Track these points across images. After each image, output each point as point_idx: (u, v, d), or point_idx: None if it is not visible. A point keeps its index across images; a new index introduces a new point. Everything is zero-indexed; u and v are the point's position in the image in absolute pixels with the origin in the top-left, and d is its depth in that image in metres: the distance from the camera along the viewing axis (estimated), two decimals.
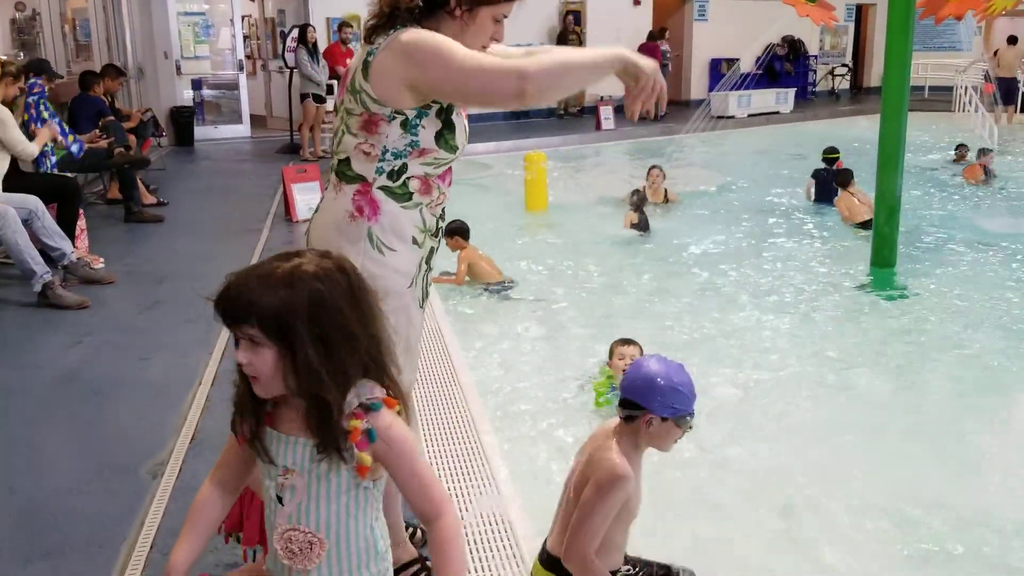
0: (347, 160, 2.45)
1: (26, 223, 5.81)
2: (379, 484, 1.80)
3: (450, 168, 2.53)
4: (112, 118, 9.06)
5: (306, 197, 8.32)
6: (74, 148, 7.38)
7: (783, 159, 13.57)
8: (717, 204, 10.79)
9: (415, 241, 2.46)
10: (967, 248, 8.59)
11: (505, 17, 2.46)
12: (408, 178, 2.43)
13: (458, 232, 6.90)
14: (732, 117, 18.49)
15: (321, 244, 2.41)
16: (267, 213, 8.87)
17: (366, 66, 2.36)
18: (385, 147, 2.40)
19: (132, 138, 9.42)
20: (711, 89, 19.70)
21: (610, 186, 10.00)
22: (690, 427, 2.62)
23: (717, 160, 14.42)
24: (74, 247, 6.39)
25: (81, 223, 7.14)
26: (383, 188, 2.42)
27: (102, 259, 6.81)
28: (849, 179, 9.68)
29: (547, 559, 2.65)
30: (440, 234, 2.60)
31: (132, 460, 3.67)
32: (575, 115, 18.38)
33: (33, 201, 6.03)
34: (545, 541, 2.70)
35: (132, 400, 4.36)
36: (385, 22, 2.37)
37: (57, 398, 4.46)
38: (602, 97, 18.49)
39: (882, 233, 7.46)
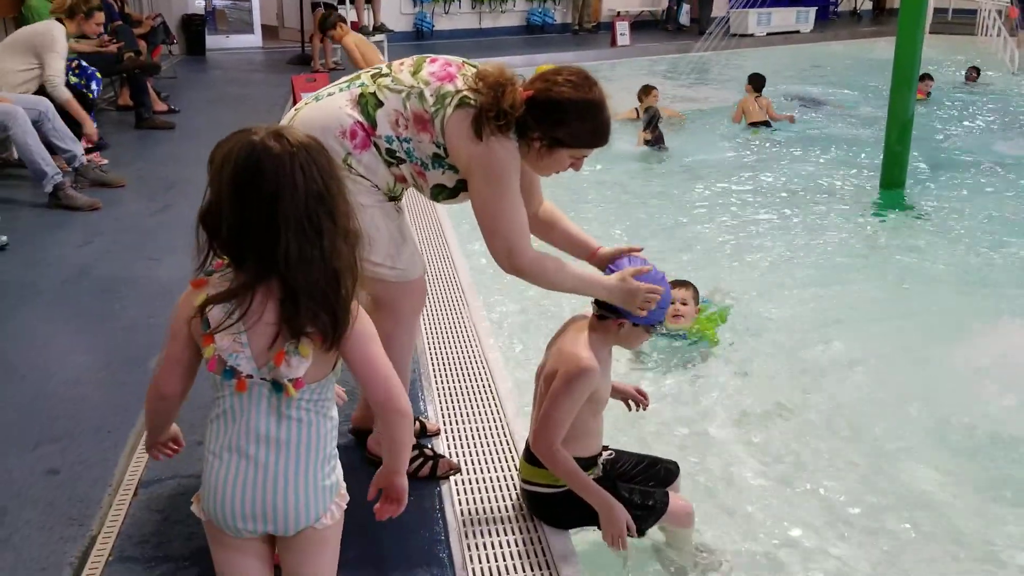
0: (378, 101, 2.54)
1: (36, 124, 5.83)
2: None
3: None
4: (121, 22, 9.00)
5: None
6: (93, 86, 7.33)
7: (800, 80, 13.41)
8: (729, 121, 10.69)
9: (380, 188, 2.61)
10: (978, 170, 8.53)
11: (586, 156, 2.60)
12: (394, 166, 2.58)
13: (340, 19, 6.68)
14: (751, 35, 18.20)
15: (304, 129, 2.48)
16: (278, 121, 8.84)
17: (453, 115, 2.47)
18: (409, 139, 2.54)
19: (142, 44, 9.38)
20: (730, 6, 19.35)
21: (625, 103, 9.93)
22: (657, 332, 2.73)
23: (734, 78, 14.23)
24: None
25: None
26: (376, 145, 2.54)
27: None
28: (762, 84, 10.54)
29: (529, 453, 2.74)
30: (398, 200, 2.73)
31: (141, 354, 3.76)
32: (590, 31, 18.09)
33: (43, 102, 6.06)
34: (528, 437, 2.79)
35: (141, 298, 4.43)
36: (491, 111, 2.44)
37: (67, 295, 4.54)
38: (619, 12, 18.23)
39: (893, 152, 7.40)
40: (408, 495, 1.94)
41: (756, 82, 10.56)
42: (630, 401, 3.00)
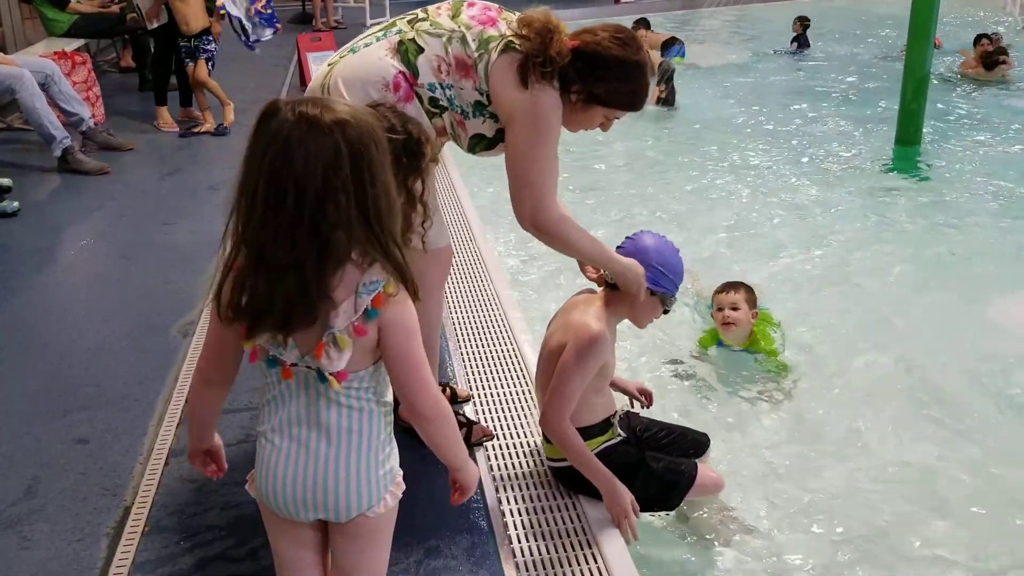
0: (418, 47, 2.46)
1: (43, 87, 5.74)
2: None
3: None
4: None
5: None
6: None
7: (809, 35, 13.22)
8: (740, 79, 10.57)
9: None
10: (992, 127, 8.43)
11: (617, 119, 2.57)
12: (436, 116, 2.50)
13: None
14: None
15: (343, 82, 2.43)
16: (283, 82, 8.77)
17: (498, 60, 2.41)
18: (451, 85, 2.46)
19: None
20: None
21: None
22: (667, 310, 2.70)
23: (739, 34, 14.07)
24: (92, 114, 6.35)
25: (96, 90, 7.08)
26: (419, 96, 2.46)
27: None
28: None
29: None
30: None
31: (162, 321, 3.72)
32: None
33: (49, 65, 5.96)
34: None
35: (158, 264, 4.39)
36: (538, 58, 2.39)
37: (83, 261, 4.50)
38: None
39: (909, 109, 7.29)
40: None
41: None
42: (632, 400, 2.97)
